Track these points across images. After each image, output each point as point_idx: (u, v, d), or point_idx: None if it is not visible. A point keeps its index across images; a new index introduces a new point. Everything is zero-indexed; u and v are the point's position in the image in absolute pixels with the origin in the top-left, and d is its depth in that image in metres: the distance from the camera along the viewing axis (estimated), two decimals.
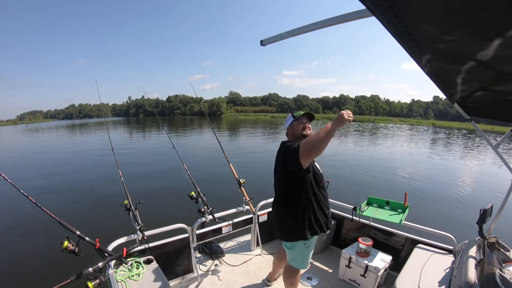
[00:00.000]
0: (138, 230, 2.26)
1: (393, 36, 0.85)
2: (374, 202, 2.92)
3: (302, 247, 1.93)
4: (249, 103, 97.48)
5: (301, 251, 1.95)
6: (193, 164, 9.90)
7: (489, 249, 1.92)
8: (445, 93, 1.66)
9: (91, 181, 8.67)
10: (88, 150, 16.20)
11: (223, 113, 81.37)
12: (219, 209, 2.90)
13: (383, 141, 23.21)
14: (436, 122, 66.07)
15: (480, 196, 7.65)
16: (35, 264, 3.94)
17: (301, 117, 1.95)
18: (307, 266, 2.07)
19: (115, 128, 39.03)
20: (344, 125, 1.53)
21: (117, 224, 4.43)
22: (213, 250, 2.99)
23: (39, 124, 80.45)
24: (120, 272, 2.15)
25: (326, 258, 3.06)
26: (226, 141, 19.41)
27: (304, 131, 1.91)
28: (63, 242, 1.76)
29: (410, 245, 2.63)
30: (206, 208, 2.73)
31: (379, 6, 0.67)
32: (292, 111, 2.08)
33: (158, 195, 6.93)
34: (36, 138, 29.79)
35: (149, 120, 68.33)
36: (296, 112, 1.98)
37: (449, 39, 0.84)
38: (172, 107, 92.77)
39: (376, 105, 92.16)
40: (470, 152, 17.80)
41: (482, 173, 11.15)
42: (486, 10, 0.62)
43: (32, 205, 1.86)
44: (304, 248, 1.93)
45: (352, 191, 7.29)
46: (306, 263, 2.03)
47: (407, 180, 9.16)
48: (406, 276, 2.05)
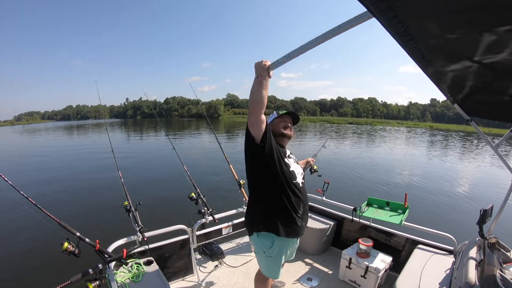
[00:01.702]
0: (138, 231, 2.24)
1: (393, 37, 0.86)
2: (374, 202, 2.92)
3: (264, 256, 1.76)
4: (247, 105, 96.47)
5: (264, 259, 1.78)
6: (193, 165, 9.87)
7: (490, 249, 1.93)
8: (445, 93, 1.67)
9: (91, 182, 8.61)
10: (88, 151, 16.10)
11: (220, 115, 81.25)
12: (219, 210, 2.89)
13: (382, 143, 23.30)
14: (433, 125, 66.55)
15: (480, 197, 7.69)
16: (35, 266, 3.90)
17: (285, 115, 1.81)
18: (276, 277, 1.87)
19: (114, 129, 38.90)
20: (265, 71, 1.34)
21: (117, 225, 4.41)
22: (213, 251, 2.97)
23: (37, 125, 80.00)
24: (120, 274, 2.14)
25: (326, 259, 3.06)
26: (225, 143, 19.36)
27: (284, 130, 1.77)
28: (63, 244, 1.75)
29: (410, 245, 2.63)
30: (206, 209, 2.73)
31: (379, 6, 0.67)
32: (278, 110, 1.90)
33: (158, 196, 6.89)
34: (34, 139, 29.58)
35: (146, 121, 68.22)
36: (281, 110, 1.83)
37: (449, 39, 0.84)
38: (170, 108, 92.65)
39: (374, 108, 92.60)
40: (469, 153, 17.93)
41: (482, 174, 11.22)
42: (486, 10, 0.62)
43: (32, 206, 1.85)
44: (265, 257, 1.75)
45: (352, 192, 7.32)
46: (272, 273, 1.84)
47: (407, 180, 9.20)
48: (407, 277, 2.05)
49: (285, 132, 1.78)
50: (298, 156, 2.10)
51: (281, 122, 1.79)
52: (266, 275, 1.88)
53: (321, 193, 3.27)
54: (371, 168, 11.00)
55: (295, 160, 1.89)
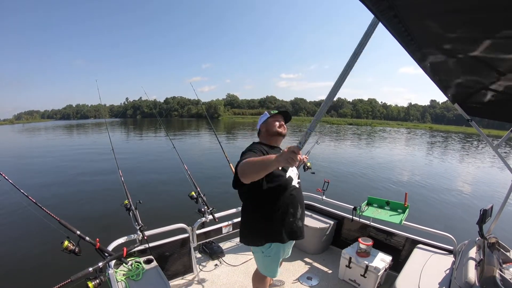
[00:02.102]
0: (138, 230, 2.25)
1: (393, 37, 0.86)
2: (374, 202, 2.92)
3: (261, 255, 1.76)
4: (247, 105, 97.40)
5: (262, 259, 1.79)
6: (193, 164, 9.88)
7: (489, 249, 1.93)
8: (445, 93, 1.67)
9: (91, 181, 8.60)
10: (88, 150, 16.06)
11: (220, 116, 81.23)
12: (219, 209, 2.90)
13: (382, 143, 23.30)
14: (433, 126, 66.55)
15: (480, 197, 7.69)
16: (35, 264, 3.89)
17: (277, 115, 1.84)
18: (274, 276, 1.88)
19: (114, 128, 38.87)
20: (295, 160, 1.13)
21: (117, 224, 4.40)
22: (213, 250, 2.98)
23: (36, 124, 79.93)
24: (120, 272, 2.14)
25: (326, 258, 3.06)
26: (225, 142, 19.35)
27: (279, 128, 1.80)
28: (63, 242, 1.75)
29: (410, 245, 2.63)
30: (206, 208, 2.73)
31: (379, 6, 0.67)
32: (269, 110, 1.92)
33: (158, 195, 6.89)
34: (34, 138, 29.54)
35: (146, 121, 68.18)
36: (273, 110, 1.87)
37: (450, 39, 0.84)
38: (170, 108, 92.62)
39: (373, 109, 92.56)
40: (469, 154, 17.96)
41: (482, 174, 11.24)
42: (486, 10, 0.63)
43: (32, 204, 1.85)
44: (263, 256, 1.76)
45: (352, 191, 7.31)
46: (270, 272, 1.85)
47: (407, 180, 9.21)
48: (406, 277, 2.06)
49: (280, 130, 1.80)
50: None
51: (275, 121, 1.82)
52: (264, 274, 1.89)
53: (321, 192, 3.27)
54: (371, 167, 11.01)
55: None
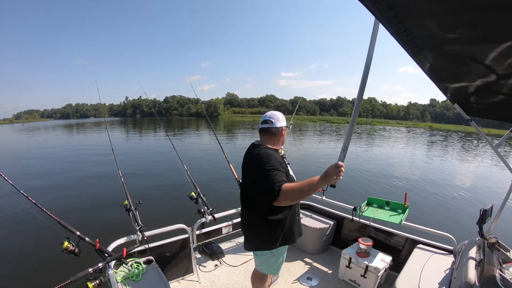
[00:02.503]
0: (138, 231, 2.25)
1: (393, 36, 0.85)
2: (374, 202, 2.92)
3: (269, 255, 1.80)
4: (246, 104, 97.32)
5: (268, 258, 1.83)
6: (193, 165, 9.86)
7: (489, 249, 1.93)
8: (445, 93, 1.67)
9: (91, 182, 8.59)
10: (88, 150, 16.04)
11: (220, 114, 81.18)
12: (219, 209, 2.90)
13: (382, 142, 23.32)
14: (433, 125, 66.62)
15: (480, 197, 7.70)
16: (35, 265, 3.89)
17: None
18: (277, 273, 1.94)
19: (113, 128, 38.80)
20: (340, 174, 1.32)
21: (117, 224, 4.39)
22: (213, 251, 2.98)
23: (36, 123, 79.86)
24: (120, 273, 2.15)
25: (326, 259, 3.06)
26: (225, 142, 19.33)
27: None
28: (63, 243, 1.75)
29: (410, 245, 2.63)
30: (206, 208, 2.73)
31: (379, 6, 0.67)
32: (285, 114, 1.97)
33: (158, 196, 6.89)
34: (34, 137, 29.51)
35: (146, 120, 68.09)
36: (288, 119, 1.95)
37: (449, 39, 0.84)
38: (169, 107, 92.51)
39: (373, 108, 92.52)
40: (469, 153, 17.96)
41: (481, 174, 11.24)
42: (486, 10, 0.62)
43: (32, 205, 1.85)
44: (271, 256, 1.81)
45: (352, 192, 7.30)
46: (275, 270, 1.90)
47: (407, 180, 9.20)
48: (406, 277, 2.06)
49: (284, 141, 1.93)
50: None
51: (285, 131, 1.89)
52: (267, 273, 1.92)
53: (321, 193, 3.27)
54: (371, 167, 11.01)
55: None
